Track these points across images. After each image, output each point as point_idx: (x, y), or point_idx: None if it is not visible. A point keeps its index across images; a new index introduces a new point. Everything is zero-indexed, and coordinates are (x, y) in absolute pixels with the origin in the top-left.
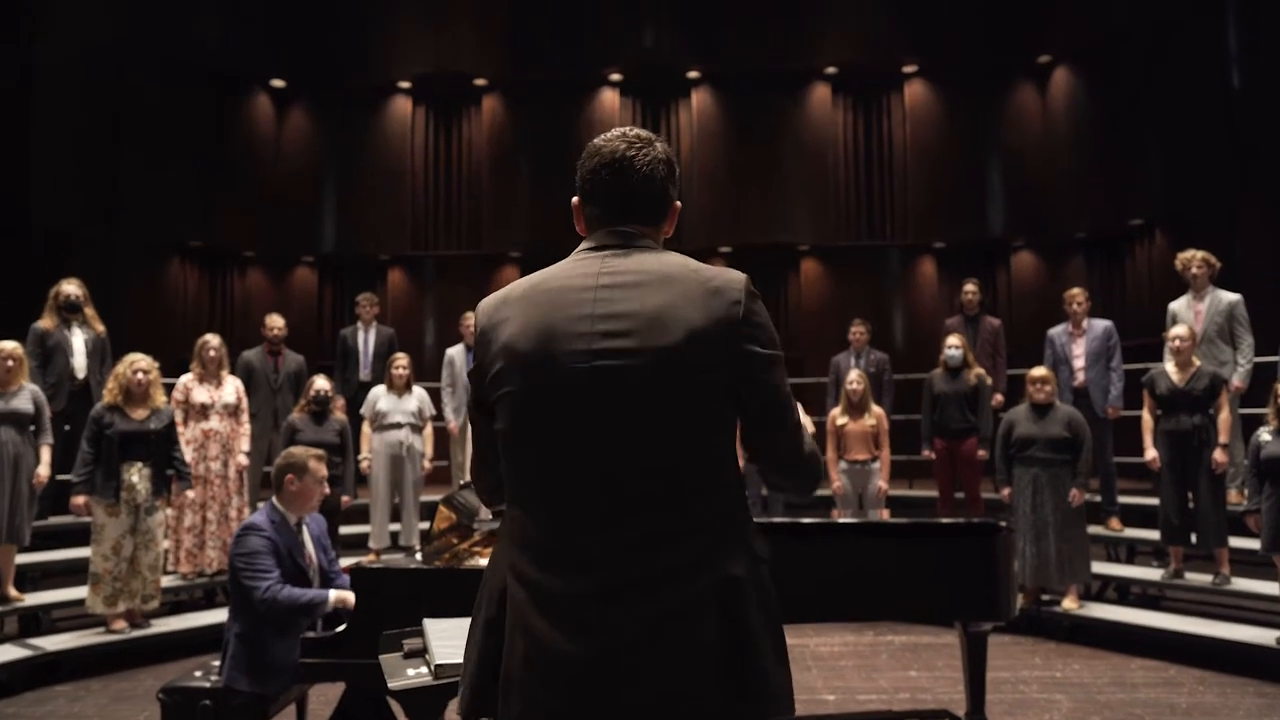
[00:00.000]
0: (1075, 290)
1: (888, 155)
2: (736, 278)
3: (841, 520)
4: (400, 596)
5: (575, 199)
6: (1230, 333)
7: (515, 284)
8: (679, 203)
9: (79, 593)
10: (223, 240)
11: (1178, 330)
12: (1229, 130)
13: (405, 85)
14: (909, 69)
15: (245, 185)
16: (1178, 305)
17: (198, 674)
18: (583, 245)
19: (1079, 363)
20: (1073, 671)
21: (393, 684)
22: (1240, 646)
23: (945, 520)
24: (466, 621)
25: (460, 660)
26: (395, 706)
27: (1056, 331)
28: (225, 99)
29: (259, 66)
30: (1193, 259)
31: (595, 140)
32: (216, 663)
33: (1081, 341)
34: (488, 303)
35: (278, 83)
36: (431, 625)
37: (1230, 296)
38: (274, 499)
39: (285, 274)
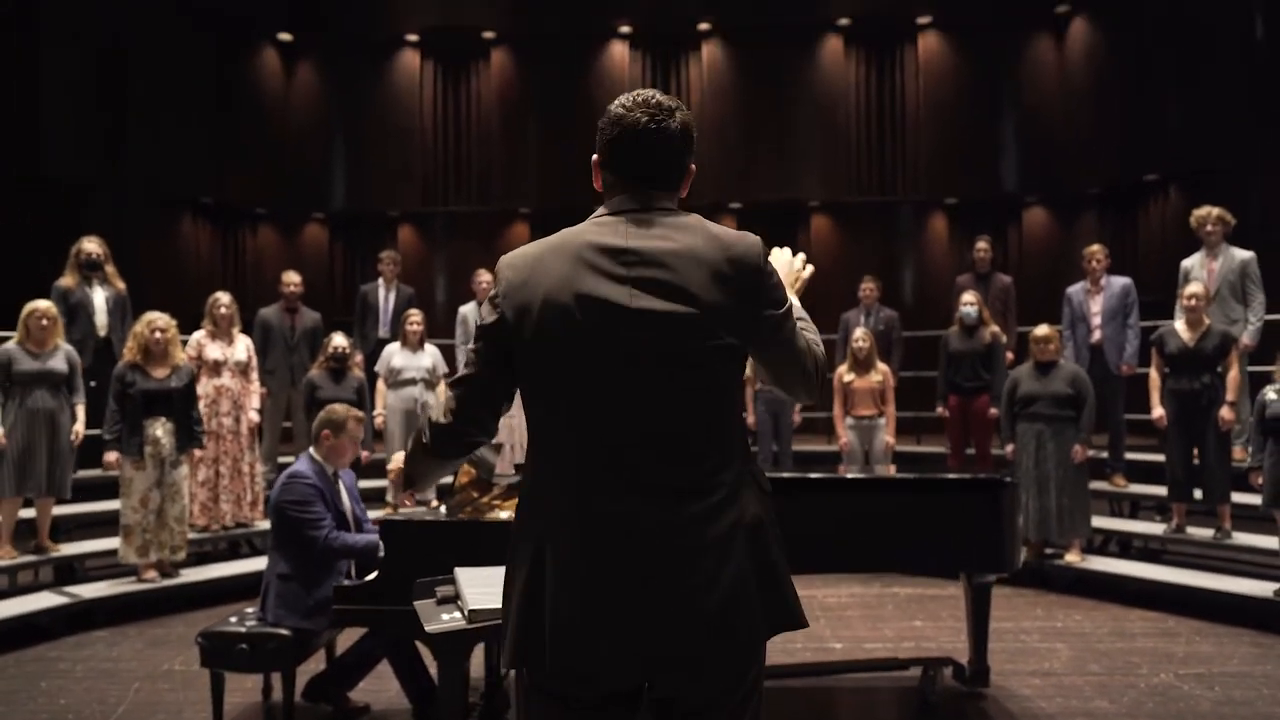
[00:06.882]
0: (1095, 247)
1: (900, 109)
2: (753, 245)
3: (850, 475)
4: (427, 547)
5: (595, 157)
6: (1242, 290)
7: (538, 242)
8: (694, 166)
9: (110, 543)
10: (233, 197)
11: (1193, 289)
12: (1250, 82)
13: (413, 39)
14: (923, 20)
15: (254, 141)
16: (1190, 263)
17: (233, 619)
18: (602, 210)
19: (1096, 320)
20: (1073, 622)
21: (429, 628)
22: (1237, 599)
23: (951, 475)
24: (495, 569)
25: (492, 605)
26: (423, 649)
27: (1075, 290)
28: (231, 52)
29: (265, 19)
30: (1208, 216)
31: (616, 107)
32: (251, 609)
33: (1099, 299)
34: (514, 258)
35: (285, 36)
36: (462, 573)
37: (1243, 254)
38: (311, 450)
39: (296, 231)
